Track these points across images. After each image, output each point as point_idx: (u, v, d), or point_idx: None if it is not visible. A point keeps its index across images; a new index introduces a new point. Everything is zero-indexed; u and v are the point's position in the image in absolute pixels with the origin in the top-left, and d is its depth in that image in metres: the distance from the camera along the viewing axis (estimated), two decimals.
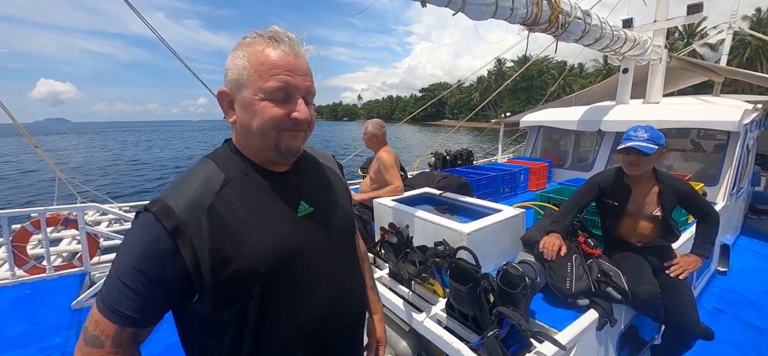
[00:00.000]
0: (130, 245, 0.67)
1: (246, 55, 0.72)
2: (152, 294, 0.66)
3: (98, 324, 0.66)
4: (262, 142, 0.76)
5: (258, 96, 0.72)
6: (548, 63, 52.52)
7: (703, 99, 5.02)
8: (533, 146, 5.70)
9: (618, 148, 1.80)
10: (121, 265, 0.66)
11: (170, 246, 0.66)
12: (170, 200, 0.68)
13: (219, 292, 0.70)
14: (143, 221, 0.68)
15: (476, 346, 1.41)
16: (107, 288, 0.67)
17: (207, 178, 0.73)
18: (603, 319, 1.59)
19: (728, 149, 3.61)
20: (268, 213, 0.77)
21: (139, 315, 0.66)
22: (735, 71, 6.01)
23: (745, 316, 2.94)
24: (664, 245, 1.88)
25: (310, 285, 0.80)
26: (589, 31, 3.33)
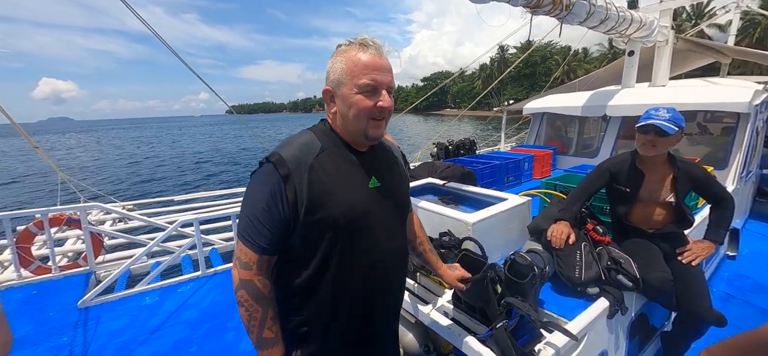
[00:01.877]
0: (259, 188, 0.91)
1: (343, 60, 0.93)
2: (277, 227, 0.90)
3: (246, 254, 0.91)
4: (356, 127, 0.97)
5: (353, 91, 0.93)
6: (552, 49, 51.79)
7: (711, 81, 4.90)
8: (537, 133, 5.62)
9: (636, 125, 1.73)
10: (254, 206, 0.90)
11: (283, 189, 0.88)
12: (284, 152, 0.91)
13: (307, 231, 0.92)
14: (267, 169, 0.91)
15: (484, 338, 1.39)
16: (245, 225, 0.91)
17: (307, 143, 0.96)
18: (613, 308, 1.56)
19: (738, 131, 3.52)
20: (349, 179, 0.98)
21: (271, 246, 0.91)
22: (743, 51, 5.86)
23: (756, 301, 2.90)
24: (676, 232, 1.83)
25: (371, 241, 1.00)
26: (594, 13, 3.23)
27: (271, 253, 0.92)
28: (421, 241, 1.37)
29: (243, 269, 0.91)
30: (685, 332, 1.87)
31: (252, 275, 0.91)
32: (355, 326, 1.04)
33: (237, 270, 0.93)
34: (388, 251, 1.05)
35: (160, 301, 3.15)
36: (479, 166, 3.71)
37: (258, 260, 0.91)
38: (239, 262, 0.92)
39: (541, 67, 51.52)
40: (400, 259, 1.14)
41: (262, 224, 0.89)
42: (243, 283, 0.91)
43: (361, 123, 0.95)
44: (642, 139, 1.72)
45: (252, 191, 0.93)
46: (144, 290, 3.29)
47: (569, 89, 6.60)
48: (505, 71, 10.12)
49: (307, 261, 0.95)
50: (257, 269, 0.91)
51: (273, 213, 0.89)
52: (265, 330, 0.94)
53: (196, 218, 3.63)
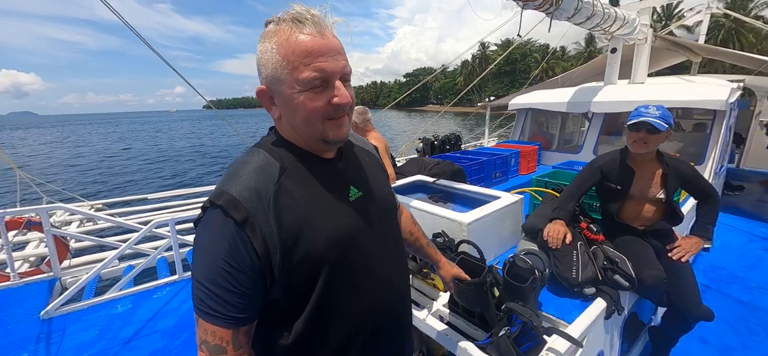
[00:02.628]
0: (210, 246, 0.68)
1: (275, 48, 0.69)
2: (249, 287, 0.68)
3: (215, 334, 0.67)
4: (310, 134, 0.75)
5: (295, 90, 0.70)
6: (531, 46, 52.87)
7: (686, 79, 5.08)
8: (522, 129, 5.66)
9: (628, 123, 1.71)
10: (208, 270, 0.66)
11: (244, 238, 0.66)
12: (233, 190, 0.68)
13: (289, 280, 0.71)
14: (215, 217, 0.68)
15: (484, 344, 1.33)
16: (202, 294, 0.67)
17: (262, 167, 0.73)
18: (611, 308, 1.54)
19: (714, 127, 3.65)
20: (325, 199, 0.77)
21: (246, 313, 0.69)
22: (715, 50, 6.10)
23: (731, 291, 3.01)
24: (666, 228, 1.83)
25: (368, 266, 0.83)
26: (581, 9, 3.24)
27: (247, 322, 0.70)
28: (417, 236, 1.22)
29: (214, 354, 0.68)
30: (674, 327, 1.89)
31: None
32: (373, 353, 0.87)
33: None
34: (390, 265, 0.90)
35: (134, 309, 2.95)
36: (467, 162, 3.68)
37: (233, 336, 0.68)
38: (207, 347, 0.68)
39: (521, 64, 52.55)
40: (402, 270, 0.99)
41: (226, 290, 0.66)
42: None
43: (314, 128, 0.73)
44: (633, 136, 1.71)
45: (202, 250, 0.69)
46: (115, 297, 3.07)
47: (552, 85, 6.70)
48: (486, 68, 10.20)
49: (297, 313, 0.75)
50: (234, 348, 0.69)
51: (239, 272, 0.66)
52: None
53: (172, 218, 3.42)
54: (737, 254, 3.64)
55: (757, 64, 5.31)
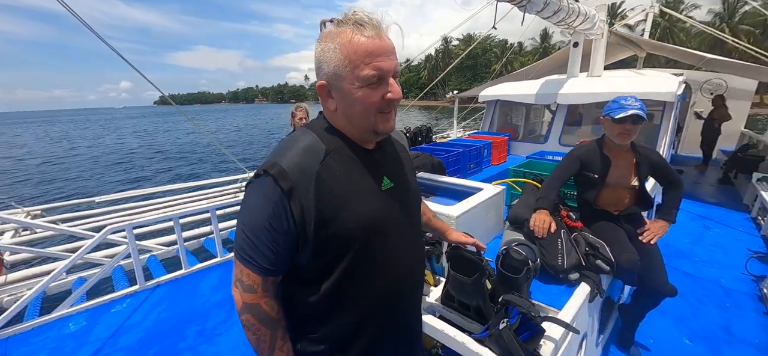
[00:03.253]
0: (258, 206, 0.79)
1: (337, 47, 0.77)
2: (282, 247, 0.79)
3: (249, 276, 0.81)
4: (364, 125, 0.85)
5: (355, 85, 0.79)
6: (491, 41, 54.65)
7: (638, 72, 5.48)
8: (491, 120, 5.82)
9: (617, 117, 1.77)
10: (254, 224, 0.79)
11: (288, 206, 0.76)
12: (282, 161, 0.78)
13: (318, 249, 0.81)
14: (267, 184, 0.77)
15: (482, 337, 1.33)
16: (243, 244, 0.80)
17: (310, 147, 0.82)
18: (594, 292, 1.61)
19: (664, 118, 3.97)
20: (361, 185, 0.86)
21: (274, 266, 0.81)
22: (660, 45, 6.64)
23: (680, 266, 3.31)
24: (638, 213, 1.95)
25: (391, 252, 0.90)
26: (549, 4, 3.35)
27: (275, 274, 0.83)
28: (423, 210, 1.30)
29: (246, 292, 0.83)
30: (643, 304, 2.03)
31: (257, 298, 0.83)
32: (381, 338, 0.95)
33: (239, 293, 0.84)
34: (409, 255, 0.97)
35: (89, 326, 2.65)
36: (443, 154, 3.71)
37: (262, 282, 0.82)
38: (241, 284, 0.83)
39: (482, 58, 54.21)
40: (420, 259, 1.07)
41: (264, 244, 0.78)
42: (248, 307, 0.83)
43: (369, 120, 0.83)
44: (618, 128, 1.78)
45: (250, 207, 0.81)
46: (66, 314, 2.74)
47: (517, 77, 6.95)
48: (450, 61, 10.37)
49: (322, 280, 0.85)
50: (263, 291, 0.83)
51: (277, 233, 0.78)
52: (276, 351, 0.87)
53: (129, 223, 3.11)
54: (682, 232, 4.01)
55: (694, 59, 5.87)
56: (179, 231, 3.31)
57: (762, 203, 4.12)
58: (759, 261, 3.22)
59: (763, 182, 4.50)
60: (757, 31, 30.04)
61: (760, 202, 4.25)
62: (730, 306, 2.68)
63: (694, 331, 2.40)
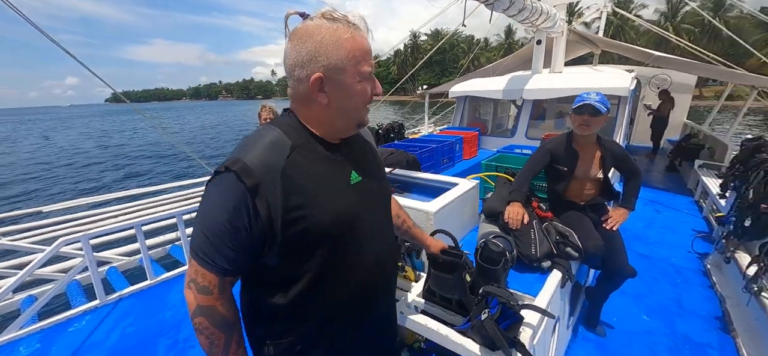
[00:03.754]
0: (217, 202, 0.76)
1: (339, 42, 0.79)
2: (243, 246, 0.77)
3: (204, 276, 0.78)
4: (354, 118, 0.88)
5: (356, 79, 0.83)
6: (458, 37, 55.83)
7: (595, 68, 5.83)
8: (461, 116, 5.96)
9: (573, 107, 1.88)
10: (212, 222, 0.76)
11: (252, 203, 0.74)
12: (246, 157, 0.76)
13: (287, 248, 0.79)
14: (228, 180, 0.75)
15: (465, 329, 1.37)
16: (200, 242, 0.77)
17: (275, 142, 0.80)
18: (565, 277, 1.70)
19: (619, 112, 4.26)
20: (329, 179, 0.86)
21: (233, 266, 0.79)
22: (614, 44, 7.10)
23: (635, 248, 3.58)
24: (602, 202, 2.09)
25: (362, 246, 0.91)
26: (515, 2, 3.48)
27: (234, 274, 0.82)
28: (404, 219, 1.33)
29: (201, 293, 0.80)
30: (607, 286, 2.18)
31: (213, 300, 0.80)
32: (354, 333, 0.96)
33: (193, 294, 0.80)
34: (381, 247, 0.98)
35: (44, 348, 2.43)
36: (417, 150, 3.75)
37: (219, 283, 0.80)
38: (196, 285, 0.80)
39: (450, 54, 55.26)
40: (393, 251, 1.09)
41: (223, 242, 0.76)
42: (202, 309, 0.80)
43: (360, 112, 0.88)
44: (578, 120, 1.89)
45: (209, 204, 0.78)
46: (14, 337, 2.49)
47: (485, 73, 7.16)
48: (419, 56, 10.49)
49: (291, 281, 0.85)
50: (219, 292, 0.80)
51: (238, 231, 0.75)
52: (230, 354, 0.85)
53: (85, 234, 2.88)
54: (636, 217, 4.33)
55: (643, 56, 6.33)
56: (142, 239, 3.11)
57: (703, 188, 4.55)
58: (702, 240, 3.55)
59: (703, 168, 4.96)
60: (697, 31, 32.97)
61: (701, 186, 4.68)
62: (681, 282, 2.94)
63: (650, 307, 2.62)
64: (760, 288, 2.12)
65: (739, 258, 2.58)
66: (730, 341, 2.25)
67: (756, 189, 2.54)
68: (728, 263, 2.76)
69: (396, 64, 65.15)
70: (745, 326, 2.30)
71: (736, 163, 3.23)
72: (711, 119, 7.16)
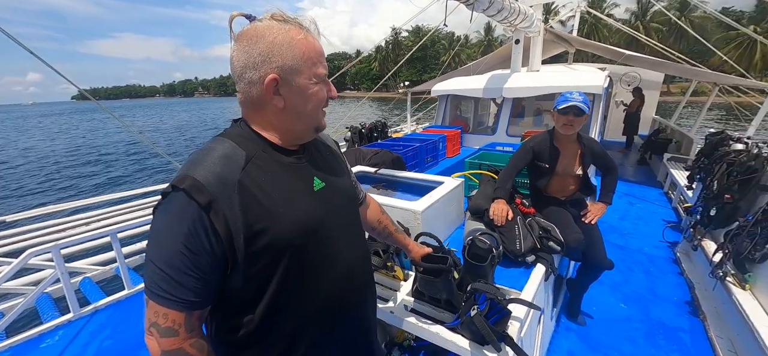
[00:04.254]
0: (169, 228, 0.69)
1: (293, 43, 0.76)
2: (206, 271, 0.70)
3: (167, 316, 0.69)
4: (310, 122, 0.85)
5: (312, 81, 0.80)
6: (439, 34, 56.31)
7: (570, 67, 6.03)
8: (443, 114, 6.03)
9: (558, 108, 1.93)
10: (166, 252, 0.68)
11: (208, 222, 0.68)
12: (198, 174, 0.69)
13: (251, 265, 0.74)
14: (177, 200, 0.68)
15: (454, 325, 1.39)
16: (156, 277, 0.68)
17: (228, 155, 0.75)
18: (548, 271, 1.76)
19: (594, 108, 4.42)
20: (289, 188, 0.81)
21: (201, 297, 0.71)
22: (588, 43, 7.35)
23: (611, 239, 3.74)
24: (582, 198, 2.17)
25: (329, 255, 0.87)
26: (494, 3, 3.55)
27: (201, 307, 0.73)
28: (386, 224, 1.29)
29: (165, 336, 0.70)
30: (587, 277, 2.26)
31: (180, 341, 0.70)
32: (331, 337, 0.92)
33: (155, 340, 0.70)
34: (350, 257, 0.93)
35: None
36: (401, 149, 3.77)
37: (186, 319, 0.70)
38: (158, 329, 0.69)
39: (431, 50, 55.70)
40: (364, 261, 1.03)
41: (182, 272, 0.68)
42: (169, 354, 0.70)
43: (317, 115, 0.85)
44: (562, 119, 1.95)
45: (159, 232, 0.70)
46: None
47: (466, 71, 7.26)
48: (400, 52, 10.51)
49: (257, 302, 0.78)
50: (187, 331, 0.71)
51: (198, 255, 0.68)
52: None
53: (55, 243, 2.73)
54: (611, 209, 4.53)
55: (615, 55, 6.60)
56: (118, 247, 2.98)
57: (672, 180, 4.80)
58: (672, 230, 3.75)
59: (671, 161, 5.23)
60: (665, 30, 34.64)
61: (670, 179, 4.94)
62: (653, 270, 3.10)
63: (626, 295, 2.75)
64: (725, 274, 2.26)
65: (705, 246, 2.74)
66: (700, 324, 2.40)
67: (720, 181, 2.70)
68: (696, 251, 2.93)
69: (377, 60, 65.11)
70: (712, 309, 2.45)
71: (701, 156, 3.42)
72: (677, 115, 7.55)
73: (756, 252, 2.08)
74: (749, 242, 2.13)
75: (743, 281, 2.17)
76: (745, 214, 2.41)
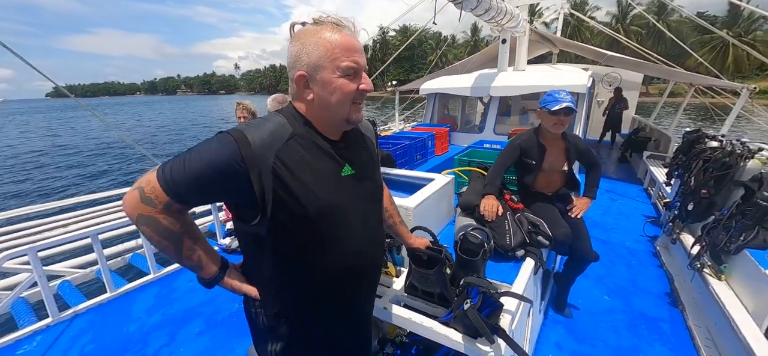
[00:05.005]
0: (208, 150, 0.81)
1: (317, 42, 0.85)
2: (210, 192, 0.87)
3: (155, 190, 0.81)
4: (338, 113, 0.92)
5: (336, 74, 0.87)
6: (426, 33, 56.66)
7: (554, 67, 6.16)
8: (432, 112, 6.08)
9: (551, 109, 1.96)
10: (194, 161, 0.80)
11: (242, 171, 0.80)
12: (249, 133, 0.82)
13: (274, 223, 0.86)
14: (226, 139, 0.81)
15: (447, 320, 1.41)
16: (175, 168, 0.80)
17: (277, 127, 0.88)
18: (537, 265, 1.80)
19: (578, 107, 4.54)
20: (321, 169, 0.91)
21: (190, 202, 0.86)
22: (571, 43, 7.53)
23: (595, 234, 3.82)
24: (568, 193, 2.23)
25: (347, 234, 0.96)
26: (482, 2, 3.59)
27: (184, 204, 0.85)
28: (391, 214, 1.39)
29: (144, 203, 0.82)
30: (573, 271, 2.32)
31: (155, 212, 0.83)
32: (334, 316, 1.04)
33: (135, 198, 0.82)
34: (365, 241, 1.02)
35: None
36: (391, 147, 3.78)
37: (167, 203, 0.82)
38: (141, 192, 0.82)
39: (418, 50, 55.93)
40: (378, 246, 1.12)
41: (194, 179, 0.80)
42: (143, 218, 0.83)
43: (344, 108, 0.91)
44: (553, 119, 1.99)
45: (204, 147, 0.82)
46: None
47: (453, 71, 7.33)
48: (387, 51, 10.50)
49: (277, 255, 0.93)
50: (163, 209, 0.83)
51: (212, 181, 0.81)
52: (184, 260, 0.91)
53: (32, 246, 2.62)
54: (595, 205, 4.66)
55: (597, 56, 6.79)
56: (100, 249, 2.89)
57: (651, 177, 4.97)
58: (652, 225, 3.89)
59: (650, 159, 5.42)
60: (644, 32, 35.79)
61: (649, 176, 5.11)
62: (635, 263, 3.21)
63: (610, 288, 2.83)
64: (702, 265, 2.36)
65: (683, 239, 2.86)
66: (679, 314, 2.50)
67: (696, 177, 2.82)
68: (675, 244, 3.05)
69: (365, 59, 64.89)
70: (690, 300, 2.55)
71: (679, 153, 3.56)
72: (656, 114, 7.82)
73: (731, 244, 2.18)
74: (725, 234, 2.23)
75: (719, 272, 2.27)
76: (721, 208, 2.52)
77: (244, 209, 0.87)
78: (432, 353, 2.00)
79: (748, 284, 2.05)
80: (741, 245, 2.13)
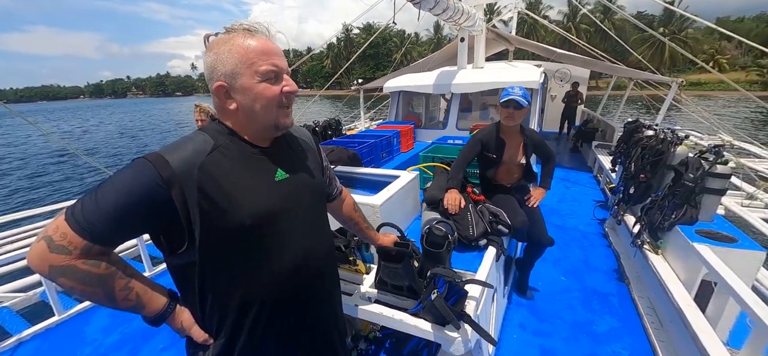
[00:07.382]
0: (122, 179, 0.75)
1: (231, 50, 0.82)
2: (130, 225, 0.76)
3: (66, 236, 0.71)
4: (265, 120, 0.88)
5: (255, 79, 0.84)
6: (390, 31, 56.99)
7: (510, 64, 6.48)
8: (396, 110, 6.16)
9: (500, 101, 2.09)
10: (107, 193, 0.73)
11: (163, 193, 0.75)
12: (166, 154, 0.78)
13: (205, 242, 0.80)
14: (140, 165, 0.76)
15: (417, 311, 1.46)
16: (87, 207, 0.73)
17: (198, 144, 0.83)
18: (499, 252, 1.91)
19: (532, 101, 4.81)
20: (250, 177, 0.87)
21: (111, 240, 0.77)
22: (525, 41, 7.95)
23: (552, 220, 4.12)
24: (525, 184, 2.38)
25: (284, 240, 0.93)
26: (439, 2, 3.71)
27: (108, 246, 0.77)
28: (356, 220, 1.40)
29: (55, 253, 0.71)
30: (532, 255, 2.49)
31: (70, 260, 0.72)
32: (277, 325, 0.97)
33: (42, 250, 0.71)
34: (309, 247, 0.99)
35: None
36: (356, 146, 3.79)
37: (84, 247, 0.72)
38: (49, 242, 0.71)
39: (383, 48, 56.15)
40: (321, 251, 1.07)
41: (109, 215, 0.72)
42: (57, 269, 0.71)
43: (270, 114, 0.88)
44: (504, 112, 2.12)
45: (115, 178, 0.76)
46: None
47: (415, 68, 7.47)
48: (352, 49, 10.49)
49: (215, 280, 0.86)
50: (80, 254, 0.72)
51: (130, 212, 0.73)
52: (120, 303, 0.80)
53: None
54: (550, 193, 4.99)
55: (549, 53, 7.24)
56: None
57: (599, 164, 5.39)
58: (601, 208, 4.23)
59: (598, 148, 5.88)
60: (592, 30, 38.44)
61: (597, 163, 5.55)
62: (587, 245, 3.48)
63: (566, 268, 3.06)
64: (642, 242, 2.62)
65: (627, 220, 3.15)
66: (625, 288, 2.75)
67: (635, 163, 3.11)
68: (620, 225, 3.35)
69: (330, 58, 64.11)
70: (634, 274, 2.82)
71: (621, 142, 3.90)
72: (602, 106, 8.48)
73: (665, 222, 2.44)
74: (659, 214, 2.49)
75: (656, 247, 2.53)
76: (656, 190, 2.81)
77: (171, 236, 0.81)
78: (404, 344, 2.06)
79: (680, 256, 2.31)
80: (673, 222, 2.39)
